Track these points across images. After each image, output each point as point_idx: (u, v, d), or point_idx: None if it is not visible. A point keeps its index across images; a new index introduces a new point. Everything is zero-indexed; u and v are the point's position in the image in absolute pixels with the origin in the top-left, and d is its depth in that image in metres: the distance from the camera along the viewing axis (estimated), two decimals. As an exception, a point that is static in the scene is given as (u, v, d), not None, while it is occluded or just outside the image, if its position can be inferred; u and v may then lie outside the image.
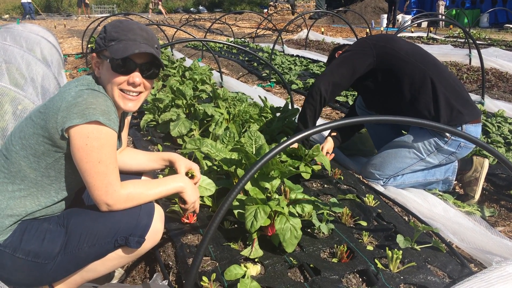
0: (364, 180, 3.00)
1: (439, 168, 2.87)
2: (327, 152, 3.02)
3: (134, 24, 1.68)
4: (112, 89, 1.66)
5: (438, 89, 2.66)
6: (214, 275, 1.80)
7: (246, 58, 8.81)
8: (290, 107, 3.82)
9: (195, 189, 1.86)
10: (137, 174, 2.09)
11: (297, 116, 3.73)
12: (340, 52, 3.09)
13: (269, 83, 6.77)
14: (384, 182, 2.92)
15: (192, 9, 33.36)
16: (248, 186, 2.14)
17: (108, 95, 1.68)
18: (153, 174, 2.26)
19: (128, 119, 2.03)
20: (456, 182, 2.96)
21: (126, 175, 1.99)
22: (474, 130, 2.69)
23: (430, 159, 2.78)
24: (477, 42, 11.02)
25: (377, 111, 3.04)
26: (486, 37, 13.81)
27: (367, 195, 2.63)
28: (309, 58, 8.81)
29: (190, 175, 2.00)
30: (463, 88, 2.79)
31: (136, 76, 1.67)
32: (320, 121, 4.14)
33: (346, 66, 2.83)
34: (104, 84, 1.68)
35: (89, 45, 8.27)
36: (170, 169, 2.13)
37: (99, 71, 1.68)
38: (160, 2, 25.03)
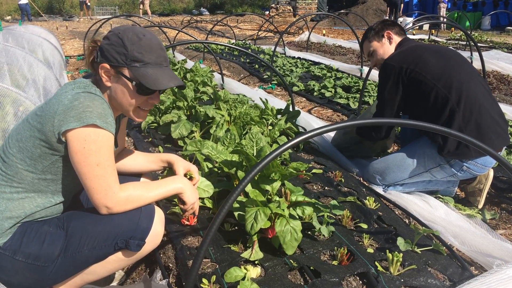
0: (365, 183, 3.00)
1: (440, 180, 2.86)
2: None
3: (153, 41, 1.66)
4: (130, 106, 1.70)
5: (454, 120, 2.56)
6: (214, 277, 1.80)
7: (248, 60, 8.82)
8: (291, 109, 3.82)
9: (194, 190, 1.86)
10: (136, 175, 2.09)
11: (298, 118, 3.74)
12: (391, 32, 2.91)
13: (270, 85, 6.78)
14: (384, 188, 2.92)
15: (193, 11, 33.42)
16: (249, 188, 2.14)
17: (118, 107, 1.72)
18: (153, 175, 2.26)
19: (124, 120, 2.03)
20: (458, 188, 2.96)
21: (125, 176, 2.00)
22: (483, 159, 2.60)
23: (432, 174, 2.77)
24: (479, 44, 11.04)
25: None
26: (488, 39, 13.80)
27: (367, 197, 2.63)
28: (311, 60, 8.82)
29: (188, 176, 2.01)
30: (490, 113, 2.61)
31: (158, 96, 1.74)
32: (321, 123, 4.14)
33: (390, 106, 2.80)
34: (114, 96, 1.68)
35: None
36: (169, 171, 2.13)
37: (111, 82, 1.67)
38: (146, 2, 24.67)
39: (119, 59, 1.62)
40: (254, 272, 1.86)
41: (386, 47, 2.91)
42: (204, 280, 1.77)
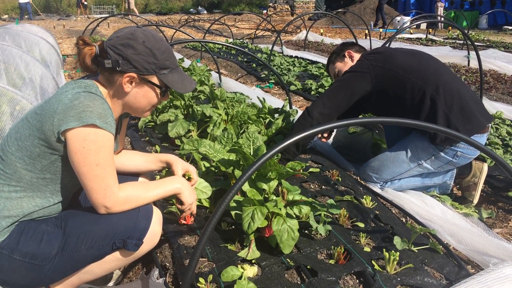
0: (362, 182, 3.00)
1: (437, 173, 2.87)
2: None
3: (167, 45, 1.74)
4: (147, 107, 1.77)
5: (437, 107, 2.62)
6: (211, 276, 1.80)
7: (245, 59, 8.81)
8: (288, 108, 3.82)
9: (192, 190, 1.87)
10: (134, 175, 2.09)
11: (295, 118, 3.74)
12: (351, 51, 3.06)
13: (267, 84, 6.77)
14: (381, 186, 2.93)
15: (191, 9, 33.36)
16: (246, 187, 2.14)
17: (130, 109, 1.77)
18: (151, 174, 2.26)
19: (125, 121, 2.03)
20: (454, 184, 2.97)
21: (124, 176, 1.99)
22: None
23: (427, 165, 2.78)
24: (476, 43, 11.06)
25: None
26: (485, 38, 13.83)
27: (364, 196, 2.63)
28: (308, 59, 8.82)
29: (187, 177, 2.01)
30: (469, 95, 2.71)
31: (168, 95, 1.82)
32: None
33: (344, 90, 2.80)
34: (132, 100, 1.73)
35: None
36: (167, 171, 2.13)
37: (132, 88, 1.70)
38: (131, 1, 24.44)
39: (149, 68, 1.66)
40: (251, 271, 1.86)
41: (349, 65, 3.03)
42: (201, 279, 1.77)
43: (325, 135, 3.19)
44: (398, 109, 2.78)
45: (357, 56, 3.05)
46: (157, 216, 1.75)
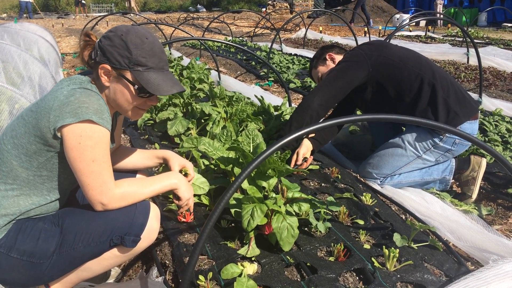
0: (362, 179, 3.00)
1: (436, 167, 2.87)
2: (304, 157, 2.89)
3: (155, 44, 1.67)
4: (128, 107, 1.71)
5: (437, 92, 2.68)
6: (210, 274, 1.80)
7: (244, 57, 8.80)
8: (287, 106, 3.82)
9: (189, 186, 1.86)
10: (131, 172, 2.09)
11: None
12: (332, 54, 3.08)
13: (267, 82, 6.77)
14: (381, 182, 2.92)
15: (190, 8, 33.31)
16: (245, 184, 2.13)
17: (115, 106, 1.72)
18: (149, 171, 2.25)
19: (121, 118, 2.03)
20: (453, 181, 2.97)
21: (121, 173, 1.99)
22: (470, 127, 2.71)
23: (426, 156, 2.79)
24: (475, 41, 11.05)
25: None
26: (484, 36, 13.82)
27: (364, 193, 2.63)
28: (307, 57, 8.79)
29: (183, 173, 2.00)
30: (458, 84, 2.82)
31: (157, 98, 1.75)
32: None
33: (341, 79, 2.81)
34: (113, 95, 1.68)
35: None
36: (164, 167, 2.13)
37: (110, 83, 1.67)
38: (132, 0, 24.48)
39: (122, 62, 1.61)
40: (251, 268, 1.86)
41: (332, 67, 3.04)
42: (201, 277, 1.77)
43: (298, 163, 2.89)
44: (394, 99, 2.80)
45: (338, 57, 3.06)
46: (154, 212, 1.74)
